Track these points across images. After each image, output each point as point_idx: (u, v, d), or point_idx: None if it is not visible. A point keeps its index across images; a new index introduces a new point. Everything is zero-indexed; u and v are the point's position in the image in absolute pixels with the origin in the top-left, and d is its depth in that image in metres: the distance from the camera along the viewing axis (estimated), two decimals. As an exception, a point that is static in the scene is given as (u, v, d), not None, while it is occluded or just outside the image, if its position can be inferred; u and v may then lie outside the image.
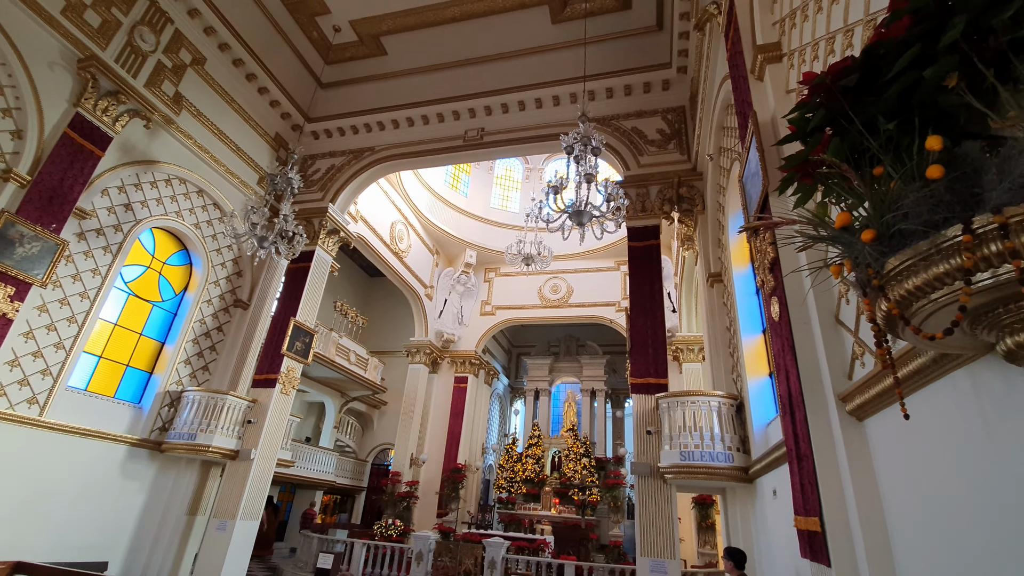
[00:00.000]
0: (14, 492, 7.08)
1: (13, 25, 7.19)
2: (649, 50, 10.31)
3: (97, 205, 8.23)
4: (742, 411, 6.65)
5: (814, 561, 3.20)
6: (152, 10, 9.03)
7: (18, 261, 6.89)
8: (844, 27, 3.12)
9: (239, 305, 10.77)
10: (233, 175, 10.72)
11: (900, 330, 1.72)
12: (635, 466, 7.46)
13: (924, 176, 1.53)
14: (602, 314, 18.65)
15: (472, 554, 10.04)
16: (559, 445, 19.70)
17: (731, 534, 7.25)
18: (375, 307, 21.55)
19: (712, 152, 7.88)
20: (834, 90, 1.81)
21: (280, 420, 9.96)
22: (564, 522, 15.95)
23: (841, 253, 1.82)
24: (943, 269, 1.45)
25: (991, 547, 1.87)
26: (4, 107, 7.12)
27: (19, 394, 7.19)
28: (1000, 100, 1.51)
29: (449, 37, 11.05)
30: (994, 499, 1.84)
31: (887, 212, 1.63)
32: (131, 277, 9.05)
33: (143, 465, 8.81)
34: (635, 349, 8.29)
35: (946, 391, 2.10)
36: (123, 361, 8.87)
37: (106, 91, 8.10)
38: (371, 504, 18.99)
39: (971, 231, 1.38)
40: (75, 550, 7.70)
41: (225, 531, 8.68)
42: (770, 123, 4.23)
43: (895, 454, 2.63)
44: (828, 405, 3.16)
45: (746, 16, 4.87)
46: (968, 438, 1.98)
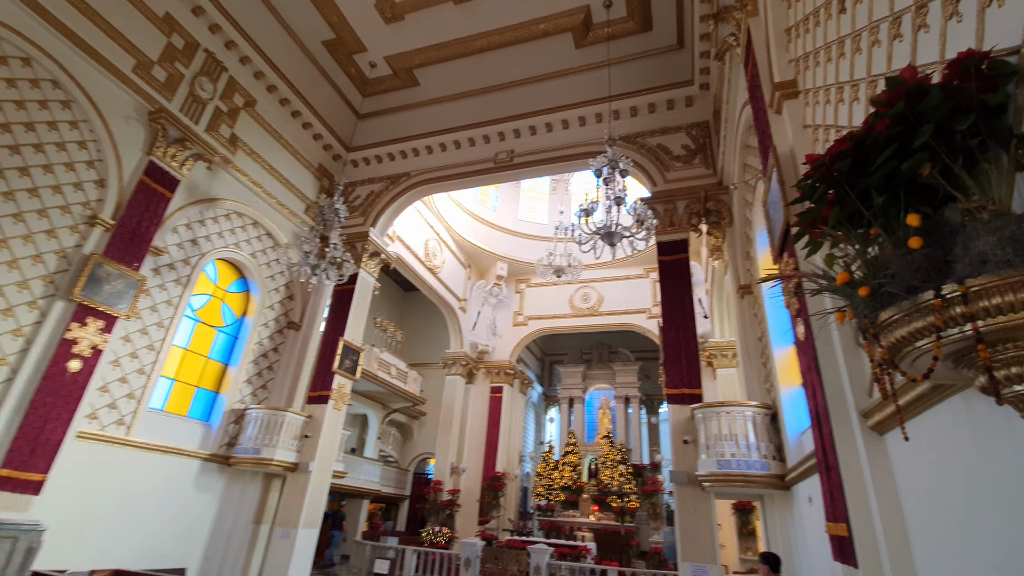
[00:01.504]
0: (107, 505, 7.88)
1: (93, 85, 8.06)
2: (671, 68, 10.64)
3: (169, 242, 9.07)
4: (776, 420, 6.89)
5: (844, 563, 3.51)
6: (209, 61, 9.89)
7: (106, 297, 7.72)
8: (867, 78, 3.39)
9: (292, 327, 11.52)
10: (283, 206, 11.52)
11: (893, 369, 2.09)
12: (673, 475, 7.76)
13: (908, 246, 1.92)
14: (633, 321, 18.87)
15: (517, 560, 10.45)
16: (595, 452, 19.92)
17: (770, 540, 7.46)
18: (411, 321, 22.28)
19: (736, 182, 8.16)
20: (832, 171, 2.20)
21: (334, 434, 10.62)
22: (603, 529, 16.19)
23: (844, 303, 2.21)
24: (921, 324, 1.83)
25: (989, 545, 2.20)
26: (88, 159, 7.98)
27: (109, 416, 8.01)
28: (967, 182, 1.89)
29: (478, 66, 11.62)
30: (986, 504, 2.18)
31: (878, 275, 2.01)
32: (198, 305, 9.88)
33: (214, 478, 9.57)
34: (669, 361, 8.60)
35: (945, 413, 2.44)
36: (193, 383, 9.68)
37: (174, 139, 8.95)
38: (414, 512, 19.60)
39: (941, 296, 1.76)
40: (158, 557, 8.46)
41: (289, 539, 9.35)
42: (789, 155, 4.56)
43: (911, 465, 2.95)
44: (851, 420, 3.48)
45: (763, 53, 5.21)
46: (963, 453, 2.32)
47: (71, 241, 7.60)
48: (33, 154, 7.28)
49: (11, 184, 7.00)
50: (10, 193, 6.98)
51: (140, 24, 8.70)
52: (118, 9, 8.34)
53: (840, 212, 2.26)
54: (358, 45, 11.38)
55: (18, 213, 7.03)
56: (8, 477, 6.50)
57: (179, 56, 9.34)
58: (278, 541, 9.49)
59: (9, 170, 7.00)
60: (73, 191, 7.69)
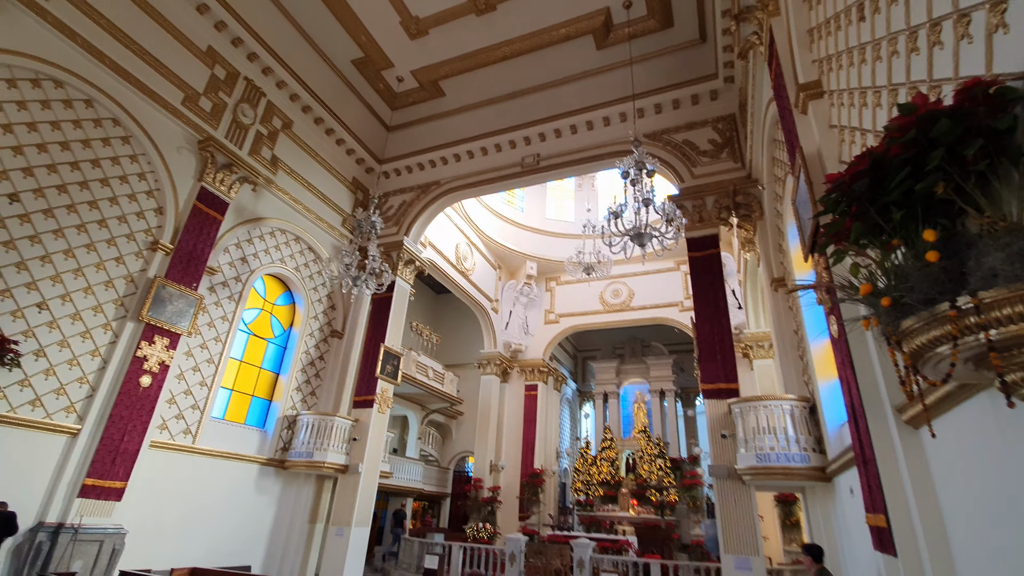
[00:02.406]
0: (178, 508, 8.52)
1: (148, 120, 8.67)
2: (694, 63, 10.65)
3: (221, 261, 9.67)
4: (815, 412, 6.94)
5: (883, 553, 3.64)
6: (249, 87, 10.45)
7: (169, 316, 8.33)
8: (888, 85, 3.46)
9: (335, 335, 12.06)
10: (321, 220, 12.05)
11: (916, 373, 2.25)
12: (713, 469, 7.88)
13: (926, 259, 2.08)
14: (665, 315, 18.83)
15: (560, 555, 10.72)
16: (632, 447, 20.00)
17: (813, 531, 7.51)
18: (444, 323, 22.76)
19: (764, 183, 8.17)
20: (852, 189, 2.37)
21: (379, 436, 11.11)
22: (644, 523, 16.30)
23: (870, 311, 2.38)
24: (939, 333, 2.00)
25: (1017, 532, 2.34)
26: (147, 189, 8.60)
27: (177, 426, 8.65)
28: (979, 200, 2.04)
29: (501, 73, 11.88)
30: (1017, 495, 2.32)
31: (899, 286, 2.18)
32: (249, 319, 10.48)
33: (271, 481, 10.17)
34: (703, 356, 8.70)
35: (974, 410, 2.58)
36: (249, 392, 10.29)
37: (222, 164, 9.52)
38: (456, 509, 20.10)
39: (956, 307, 1.93)
40: (225, 555, 9.08)
41: (343, 536, 9.86)
42: (816, 155, 4.66)
43: (945, 458, 3.07)
44: (887, 415, 3.60)
45: (787, 53, 5.29)
46: (992, 446, 2.46)
47: (136, 266, 8.23)
48: (100, 188, 7.92)
49: (83, 217, 7.64)
50: (82, 226, 7.62)
51: (186, 59, 9.29)
52: (166, 47, 8.94)
53: (861, 226, 2.42)
54: (385, 62, 11.80)
55: (90, 243, 7.67)
56: (93, 486, 7.14)
57: (222, 86, 9.92)
58: (333, 539, 10.02)
59: (80, 204, 7.65)
60: (136, 219, 8.31)
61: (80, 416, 7.28)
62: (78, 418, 7.27)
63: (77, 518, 6.89)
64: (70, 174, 7.57)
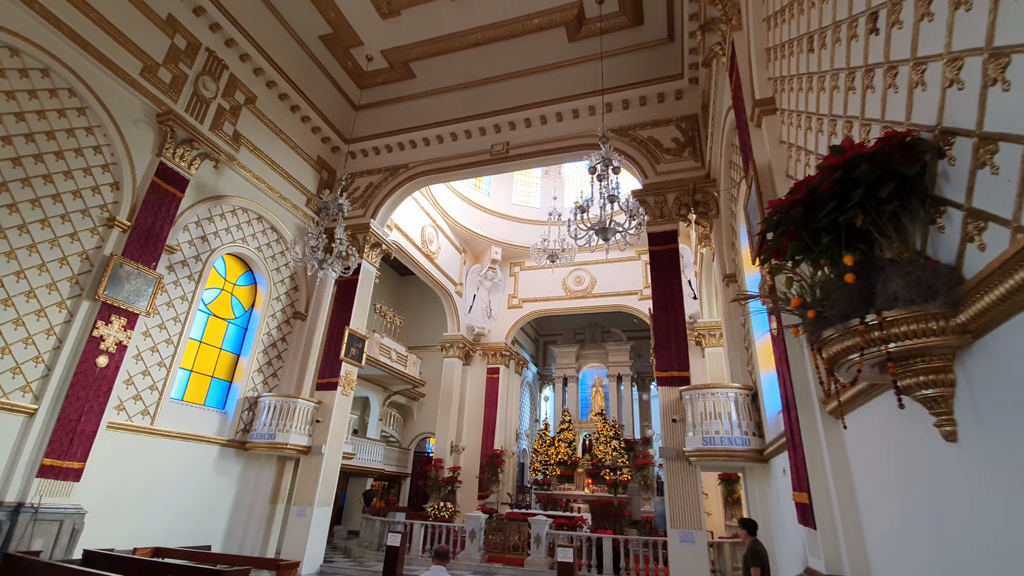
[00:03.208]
0: (137, 489, 8.44)
1: (105, 91, 8.30)
2: (662, 62, 10.99)
3: (180, 240, 9.43)
4: (757, 400, 7.54)
5: (806, 526, 4.15)
6: (211, 60, 10.09)
7: (127, 296, 8.13)
8: (829, 115, 3.83)
9: (298, 316, 11.98)
10: (285, 199, 11.84)
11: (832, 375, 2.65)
12: (663, 451, 8.45)
13: (844, 280, 2.45)
14: (625, 303, 19.49)
15: (519, 531, 11.22)
16: (589, 429, 20.77)
17: (751, 507, 8.21)
18: (408, 304, 22.74)
19: (722, 183, 8.64)
20: (789, 214, 2.71)
21: (343, 418, 11.21)
22: (598, 500, 17.09)
23: (798, 321, 2.75)
24: (851, 343, 2.38)
25: (915, 508, 2.80)
26: (103, 163, 8.28)
27: (135, 407, 8.50)
28: (889, 232, 2.41)
29: (473, 59, 11.88)
30: (911, 476, 2.77)
31: (822, 301, 2.55)
32: (209, 299, 10.29)
33: (231, 462, 10.14)
34: (659, 345, 9.21)
35: (881, 405, 3.02)
36: (209, 373, 10.16)
37: (182, 139, 9.23)
38: (416, 489, 20.43)
39: (864, 323, 2.30)
40: (185, 536, 9.07)
41: (305, 516, 10.00)
42: (767, 167, 5.06)
43: (859, 446, 3.55)
44: (814, 407, 4.07)
45: (746, 68, 5.65)
46: (894, 436, 2.90)
47: (92, 243, 7.96)
48: (55, 161, 7.59)
49: (37, 192, 7.32)
50: (36, 200, 7.31)
51: (145, 28, 8.90)
52: (125, 14, 8.54)
53: (796, 246, 2.78)
54: (355, 40, 11.58)
55: (44, 219, 7.37)
56: (52, 466, 7.01)
57: (182, 57, 9.55)
58: (294, 519, 10.13)
59: (35, 178, 7.32)
60: (92, 195, 8.01)
61: (36, 396, 7.09)
62: (34, 398, 7.08)
63: (36, 498, 6.78)
64: (24, 146, 7.22)
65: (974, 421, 2.14)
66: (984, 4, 1.88)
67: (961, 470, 2.26)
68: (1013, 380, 1.88)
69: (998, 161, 1.86)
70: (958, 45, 2.06)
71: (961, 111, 2.06)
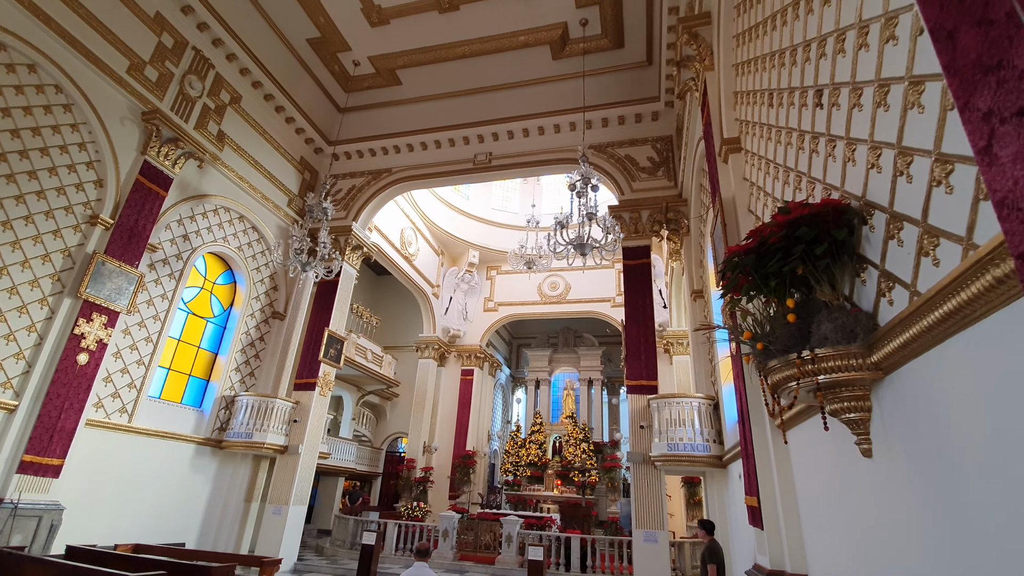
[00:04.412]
0: (112, 487, 8.46)
1: (91, 88, 8.30)
2: (640, 83, 11.53)
3: (162, 238, 9.46)
4: (718, 409, 8.11)
5: (755, 526, 4.65)
6: (197, 59, 10.13)
7: (108, 293, 8.16)
8: (783, 165, 4.35)
9: (277, 316, 12.06)
10: (267, 199, 11.91)
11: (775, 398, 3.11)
12: (631, 455, 8.95)
13: (787, 319, 2.91)
14: (598, 309, 20.06)
15: (490, 530, 11.58)
16: (559, 431, 21.28)
17: (711, 509, 8.78)
18: (383, 304, 22.81)
19: (692, 204, 9.20)
20: (743, 259, 3.16)
21: (320, 418, 11.36)
22: (566, 501, 17.59)
23: (749, 351, 3.21)
24: (789, 373, 2.84)
25: (843, 512, 3.29)
26: (87, 160, 8.28)
27: (113, 404, 8.52)
28: (823, 280, 2.88)
29: (459, 69, 12.18)
30: (841, 485, 3.26)
31: (769, 335, 3.01)
32: (189, 298, 10.31)
33: (207, 460, 10.19)
34: (630, 355, 9.72)
35: (815, 423, 3.50)
36: (186, 372, 10.19)
37: (167, 138, 9.26)
38: (387, 488, 20.55)
39: (800, 357, 2.76)
40: (159, 534, 9.11)
41: (280, 515, 10.14)
42: (731, 200, 5.57)
43: (801, 457, 4.05)
44: (764, 420, 4.57)
45: (716, 107, 6.15)
46: (827, 450, 3.39)
47: (75, 240, 7.97)
48: (40, 158, 7.58)
49: (21, 188, 7.31)
50: (20, 196, 7.30)
51: (133, 25, 8.91)
52: (113, 11, 8.55)
53: (749, 286, 3.23)
54: (343, 45, 11.75)
55: (28, 215, 7.37)
56: (31, 462, 7.04)
57: (169, 55, 9.57)
58: (270, 517, 10.26)
59: (20, 174, 7.31)
60: (75, 192, 8.02)
61: (17, 392, 7.10)
62: (15, 394, 7.08)
63: (16, 494, 6.79)
64: (10, 142, 7.21)
65: (884, 441, 2.62)
66: (896, 111, 2.35)
67: (874, 480, 2.74)
68: (910, 410, 2.35)
69: (903, 236, 2.32)
70: (879, 136, 2.54)
71: (879, 190, 2.53)
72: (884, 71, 2.45)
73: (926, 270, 2.14)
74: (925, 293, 2.08)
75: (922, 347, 2.19)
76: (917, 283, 2.21)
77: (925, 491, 2.23)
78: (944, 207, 2.00)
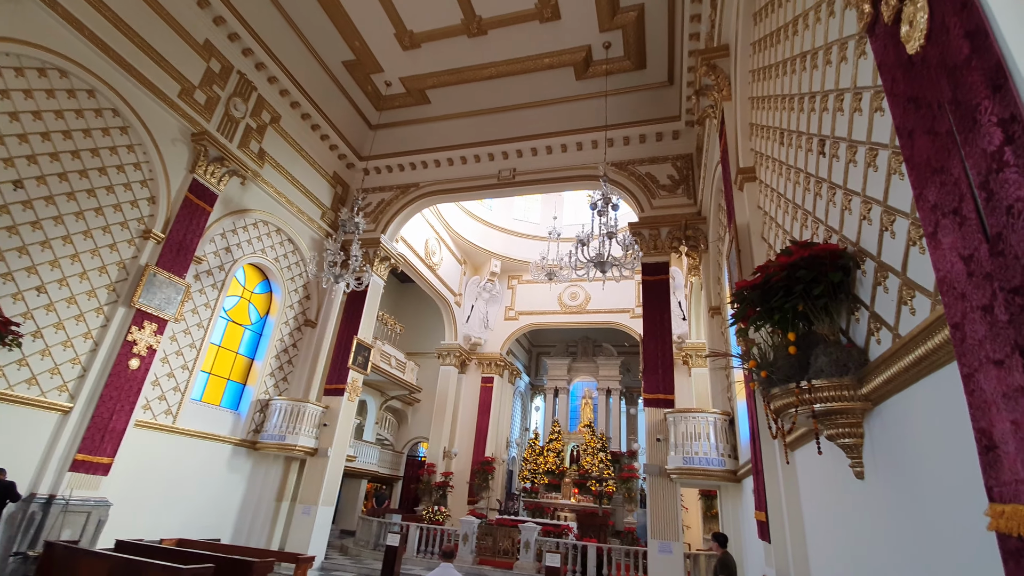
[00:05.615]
0: (157, 483, 9.04)
1: (145, 111, 8.97)
2: (661, 103, 11.82)
3: (207, 251, 10.08)
4: (733, 425, 8.31)
5: (763, 540, 4.90)
6: (241, 82, 10.79)
7: (159, 303, 8.77)
8: (792, 201, 4.65)
9: (308, 324, 12.63)
10: (302, 213, 12.53)
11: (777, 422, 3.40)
12: (647, 467, 9.19)
13: (788, 351, 3.21)
14: (617, 320, 20.26)
15: (509, 536, 11.89)
16: (577, 440, 21.48)
17: (725, 522, 8.96)
18: (406, 311, 23.39)
19: (711, 223, 9.44)
20: (750, 293, 3.47)
21: (348, 422, 11.86)
22: (583, 510, 17.78)
23: (755, 379, 3.51)
24: (789, 400, 3.13)
25: (843, 532, 3.55)
26: (142, 179, 8.94)
27: (159, 407, 9.13)
28: (821, 317, 3.17)
29: (485, 90, 12.65)
30: (839, 502, 3.52)
31: (772, 365, 3.31)
32: (229, 306, 10.93)
33: (242, 460, 10.76)
34: (647, 369, 9.97)
35: (815, 446, 3.77)
36: (225, 376, 10.79)
37: (213, 157, 9.90)
38: (407, 492, 21.02)
39: (799, 386, 3.06)
40: (197, 529, 9.67)
41: (309, 515, 10.62)
42: (746, 227, 5.84)
43: (804, 475, 4.31)
44: (773, 441, 4.82)
45: (733, 136, 6.43)
46: (827, 470, 3.66)
47: (129, 253, 8.61)
48: (98, 176, 8.24)
49: (81, 204, 7.97)
50: (80, 213, 7.96)
51: (184, 52, 9.58)
52: (167, 40, 9.23)
53: (755, 318, 3.53)
54: (376, 67, 12.33)
55: (87, 230, 8.02)
56: (84, 460, 7.63)
57: (216, 79, 10.24)
58: (299, 517, 10.75)
59: (80, 192, 7.97)
60: (130, 208, 8.67)
61: (72, 395, 7.71)
62: (70, 396, 7.70)
63: (68, 490, 7.38)
64: (71, 162, 7.87)
65: (874, 465, 2.90)
66: (882, 172, 2.65)
67: (867, 500, 3.01)
68: (895, 439, 2.63)
69: (888, 284, 2.62)
70: (869, 191, 2.83)
71: (870, 239, 2.83)
72: (874, 136, 2.75)
73: (905, 317, 2.44)
74: (904, 336, 2.38)
75: (902, 384, 2.48)
76: (899, 327, 2.51)
77: (906, 511, 2.51)
78: (919, 264, 2.30)
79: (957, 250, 1.56)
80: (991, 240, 1.38)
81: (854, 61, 3.01)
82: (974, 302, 1.47)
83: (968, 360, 1.50)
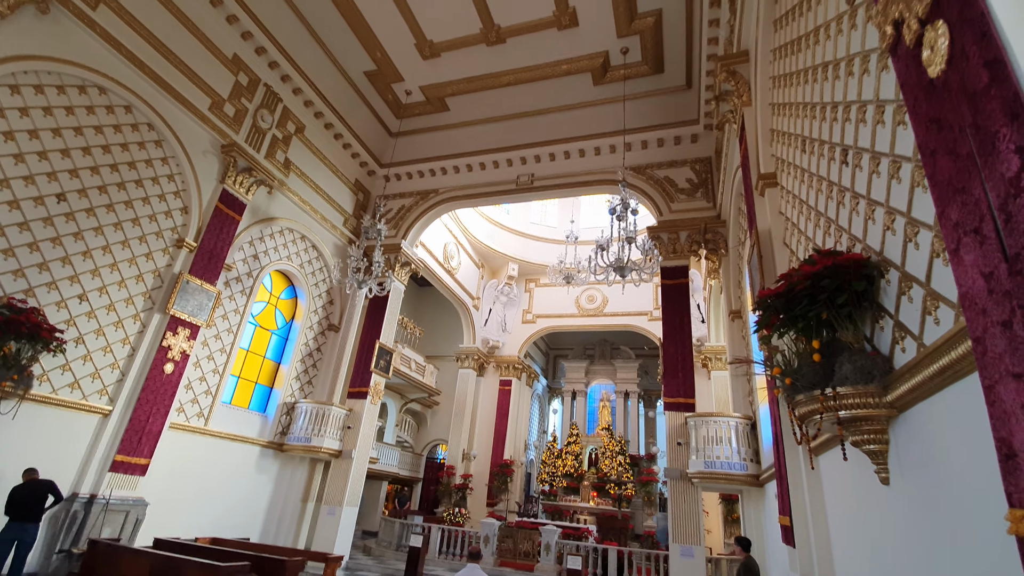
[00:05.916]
0: (191, 484, 9.35)
1: (178, 124, 9.31)
2: (679, 107, 11.84)
3: (236, 258, 10.40)
4: (755, 429, 8.30)
5: (787, 544, 4.93)
6: (268, 94, 11.11)
7: (191, 309, 9.08)
8: (815, 208, 4.71)
9: (332, 328, 12.91)
10: (326, 220, 12.82)
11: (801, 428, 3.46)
12: (668, 471, 9.21)
13: (813, 358, 3.27)
14: (635, 323, 20.24)
15: (530, 539, 11.98)
16: (595, 443, 21.48)
17: (748, 526, 8.93)
18: (425, 314, 23.66)
19: (731, 227, 9.45)
20: (773, 302, 3.53)
21: (371, 425, 12.09)
22: (602, 513, 17.79)
23: (779, 385, 3.57)
24: (814, 407, 3.20)
25: (868, 537, 3.59)
26: (175, 190, 9.28)
27: (192, 409, 9.44)
28: (846, 325, 3.23)
29: (504, 96, 12.82)
30: (865, 507, 3.56)
31: (796, 372, 3.38)
32: (257, 312, 11.25)
33: (270, 462, 11.05)
34: (667, 373, 9.99)
35: (840, 451, 3.81)
36: (253, 379, 11.10)
37: (242, 168, 10.22)
38: (427, 493, 21.24)
39: (823, 393, 3.12)
40: (227, 529, 9.96)
41: (334, 515, 10.86)
42: (767, 232, 5.87)
43: (829, 480, 4.34)
44: (796, 445, 4.85)
45: (753, 142, 6.47)
46: (852, 475, 3.70)
47: (163, 261, 8.94)
48: (135, 188, 8.59)
49: (119, 216, 8.31)
50: (118, 224, 8.30)
51: (214, 66, 9.91)
52: (197, 55, 9.56)
53: (779, 325, 3.60)
54: (396, 76, 12.58)
55: (124, 240, 8.36)
56: (123, 461, 7.94)
57: (244, 92, 10.57)
58: (324, 517, 11.00)
59: (118, 204, 8.32)
60: (164, 218, 9.01)
61: (111, 398, 8.04)
62: (109, 400, 8.03)
63: (108, 490, 7.69)
64: (110, 175, 8.22)
65: (899, 471, 2.95)
66: (905, 185, 2.71)
67: (892, 505, 3.06)
68: (920, 446, 2.69)
69: (912, 294, 2.68)
70: (893, 202, 2.89)
71: (893, 249, 2.89)
72: (897, 148, 2.82)
73: (929, 327, 2.50)
74: (929, 346, 2.44)
75: (926, 392, 2.54)
76: (923, 336, 2.57)
77: (931, 516, 2.57)
78: (942, 276, 2.36)
79: (978, 267, 1.64)
80: (1010, 260, 1.46)
81: (876, 75, 3.07)
82: (994, 317, 1.55)
83: (989, 372, 1.58)
